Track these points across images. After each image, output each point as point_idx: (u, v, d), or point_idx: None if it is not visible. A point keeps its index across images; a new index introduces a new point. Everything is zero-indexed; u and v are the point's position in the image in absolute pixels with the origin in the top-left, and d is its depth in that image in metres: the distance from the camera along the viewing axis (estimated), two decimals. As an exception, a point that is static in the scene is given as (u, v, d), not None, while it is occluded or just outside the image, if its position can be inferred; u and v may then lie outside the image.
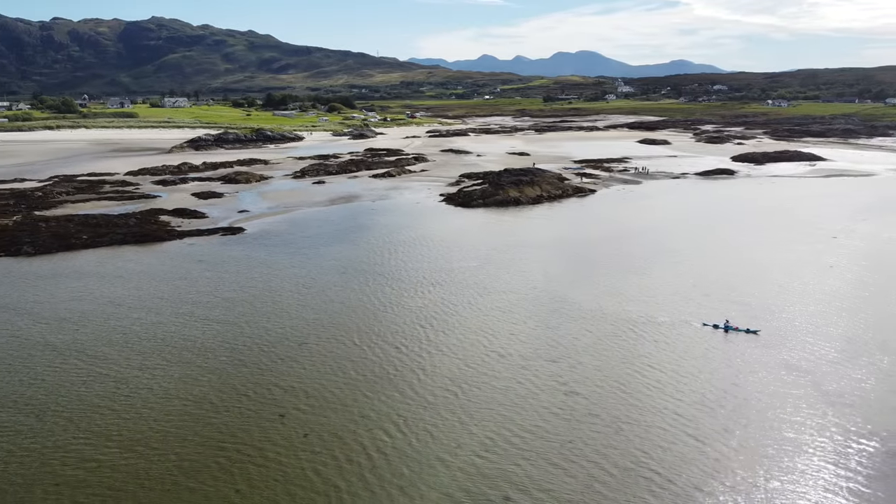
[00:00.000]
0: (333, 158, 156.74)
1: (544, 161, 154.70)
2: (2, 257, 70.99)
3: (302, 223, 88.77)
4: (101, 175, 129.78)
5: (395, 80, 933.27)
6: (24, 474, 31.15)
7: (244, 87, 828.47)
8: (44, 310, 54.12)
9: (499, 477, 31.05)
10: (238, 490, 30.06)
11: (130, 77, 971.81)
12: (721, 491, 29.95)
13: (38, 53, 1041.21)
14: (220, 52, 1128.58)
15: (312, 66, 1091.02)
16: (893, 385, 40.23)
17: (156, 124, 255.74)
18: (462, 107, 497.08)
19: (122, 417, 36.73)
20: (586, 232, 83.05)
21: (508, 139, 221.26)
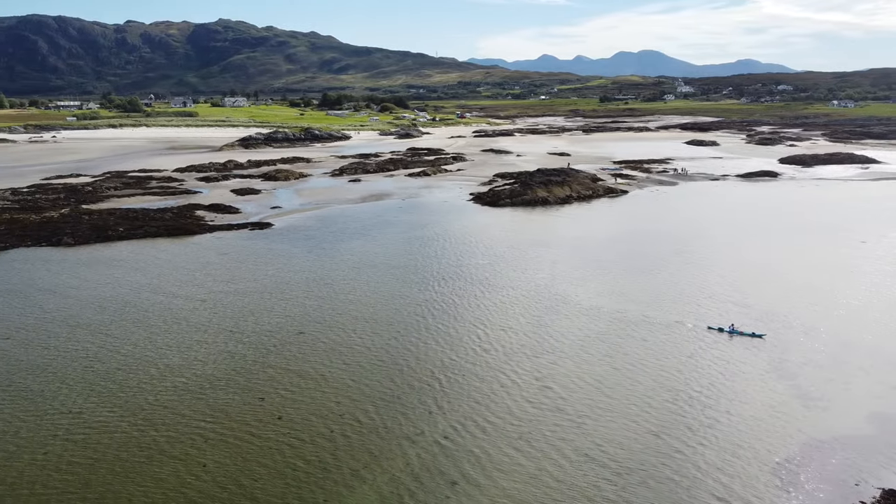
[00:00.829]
0: (374, 157, 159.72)
1: (585, 161, 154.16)
2: (44, 246, 75.72)
3: (329, 219, 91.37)
4: (151, 171, 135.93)
5: (452, 81, 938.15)
6: (31, 434, 33.95)
7: (305, 87, 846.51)
8: (72, 292, 57.90)
9: (453, 459, 32.20)
10: (205, 465, 32.06)
11: (198, 77, 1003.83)
12: (664, 481, 30.38)
13: (112, 55, 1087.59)
14: (283, 53, 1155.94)
15: (372, 67, 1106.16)
16: (875, 408, 39.50)
17: (212, 123, 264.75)
18: (516, 107, 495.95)
19: (123, 388, 39.45)
20: (605, 232, 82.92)
21: (553, 139, 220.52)
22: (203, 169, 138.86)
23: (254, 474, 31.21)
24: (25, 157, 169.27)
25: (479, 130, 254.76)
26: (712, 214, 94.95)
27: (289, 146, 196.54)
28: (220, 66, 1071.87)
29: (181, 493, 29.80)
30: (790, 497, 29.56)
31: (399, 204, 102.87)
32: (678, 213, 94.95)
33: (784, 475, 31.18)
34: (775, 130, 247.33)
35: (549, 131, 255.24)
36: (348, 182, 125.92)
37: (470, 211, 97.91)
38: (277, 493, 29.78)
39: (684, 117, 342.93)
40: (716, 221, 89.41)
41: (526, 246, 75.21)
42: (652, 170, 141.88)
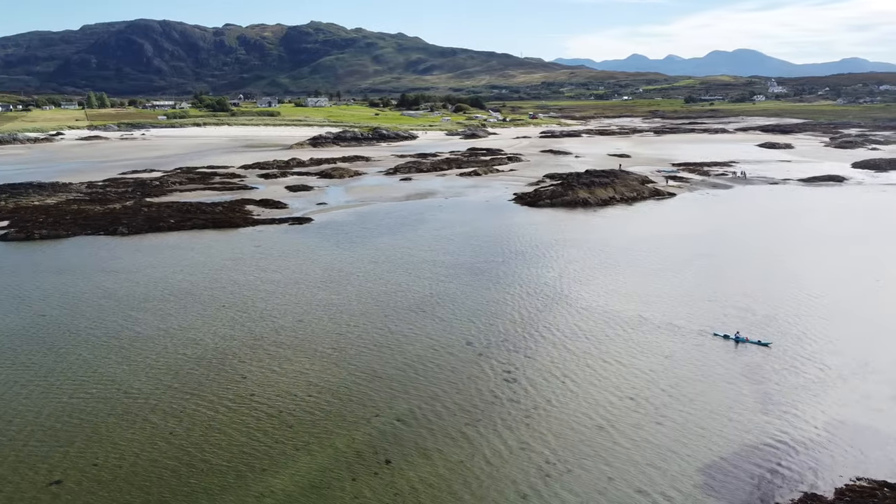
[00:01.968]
0: (432, 157, 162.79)
1: (643, 163, 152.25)
2: (102, 235, 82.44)
3: (368, 216, 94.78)
4: (218, 168, 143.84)
5: (536, 81, 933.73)
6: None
7: (391, 87, 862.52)
8: (117, 271, 63.27)
9: (401, 443, 34.25)
10: (174, 430, 35.40)
11: (289, 78, 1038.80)
12: (591, 470, 31.38)
13: (210, 57, 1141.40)
14: (371, 55, 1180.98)
15: (457, 68, 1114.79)
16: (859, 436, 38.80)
17: (289, 123, 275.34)
18: (596, 108, 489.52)
19: (142, 352, 43.50)
20: (633, 233, 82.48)
21: (620, 141, 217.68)
22: (266, 166, 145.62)
23: (215, 441, 34.22)
24: (112, 153, 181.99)
25: (547, 131, 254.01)
26: (752, 218, 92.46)
27: (356, 145, 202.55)
28: (311, 67, 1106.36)
29: (144, 453, 33.11)
30: (706, 495, 30.00)
31: (440, 203, 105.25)
32: (717, 217, 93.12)
33: (711, 474, 31.54)
34: (863, 133, 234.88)
35: (620, 132, 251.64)
36: (399, 181, 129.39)
37: (508, 210, 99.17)
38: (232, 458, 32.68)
39: (769, 119, 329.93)
40: (751, 225, 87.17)
41: (548, 245, 76.06)
42: (710, 173, 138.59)
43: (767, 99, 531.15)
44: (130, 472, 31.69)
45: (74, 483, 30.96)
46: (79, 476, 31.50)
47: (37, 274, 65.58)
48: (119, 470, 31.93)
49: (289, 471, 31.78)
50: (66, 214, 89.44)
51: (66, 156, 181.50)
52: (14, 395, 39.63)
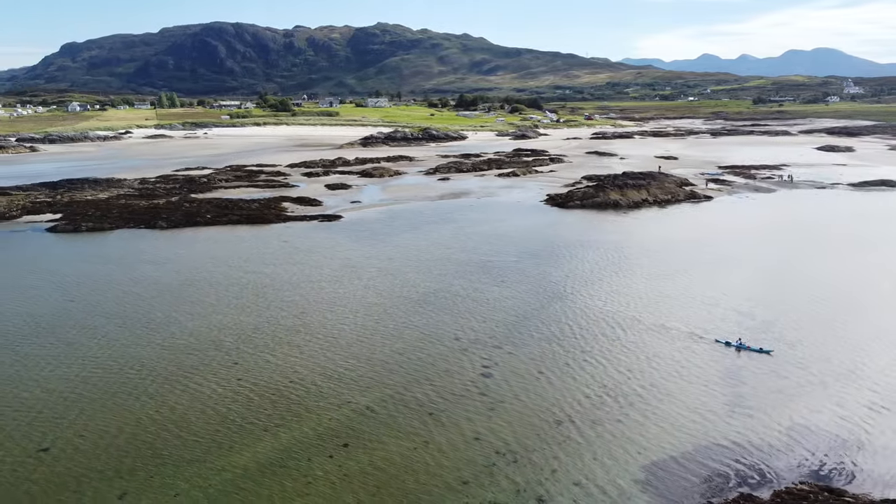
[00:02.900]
0: (475, 157, 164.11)
1: (690, 165, 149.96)
2: (142, 228, 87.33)
3: (397, 214, 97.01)
4: (266, 166, 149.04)
5: (601, 81, 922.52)
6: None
7: (454, 88, 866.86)
8: (150, 262, 67.34)
9: (363, 429, 36.03)
10: (160, 408, 38.18)
11: (356, 79, 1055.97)
12: (538, 461, 32.41)
13: (280, 58, 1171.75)
14: (436, 55, 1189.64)
15: (521, 68, 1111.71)
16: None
17: (346, 122, 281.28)
18: (658, 109, 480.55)
19: (150, 335, 46.75)
20: (655, 236, 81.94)
21: (673, 142, 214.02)
22: (312, 165, 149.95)
23: (194, 419, 36.80)
24: (173, 151, 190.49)
25: (599, 133, 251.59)
26: (782, 224, 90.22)
27: (405, 145, 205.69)
28: (377, 68, 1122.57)
29: (128, 427, 35.92)
30: (641, 490, 30.65)
31: (471, 203, 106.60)
32: (747, 222, 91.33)
33: (655, 471, 32.12)
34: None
35: (675, 134, 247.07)
36: (437, 180, 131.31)
37: (536, 211, 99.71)
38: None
39: (839, 121, 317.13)
40: (780, 231, 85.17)
41: (564, 245, 76.51)
42: (756, 176, 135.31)
43: (842, 100, 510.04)
44: (111, 443, 34.48)
45: (59, 450, 33.95)
46: (65, 444, 34.49)
47: (75, 262, 70.40)
48: (101, 440, 34.78)
49: (252, 450, 33.95)
50: (113, 209, 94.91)
51: (129, 153, 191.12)
52: (26, 371, 43.28)
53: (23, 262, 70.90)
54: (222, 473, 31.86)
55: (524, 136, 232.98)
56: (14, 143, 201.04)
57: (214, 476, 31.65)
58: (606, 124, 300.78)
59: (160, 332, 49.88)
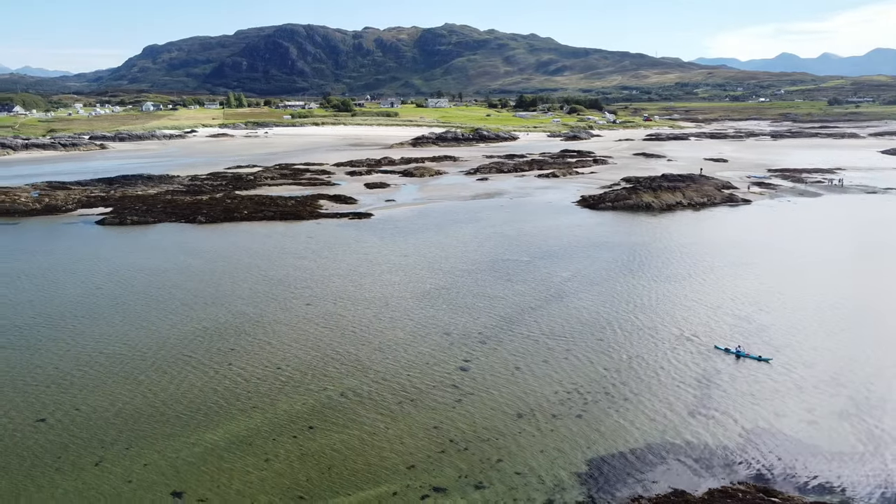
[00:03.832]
0: (519, 158, 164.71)
1: (739, 168, 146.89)
2: (182, 222, 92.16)
3: (426, 213, 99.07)
4: (313, 164, 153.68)
5: (669, 82, 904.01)
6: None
7: (520, 88, 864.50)
8: (185, 253, 71.60)
9: (332, 413, 38.18)
10: (153, 387, 41.26)
11: (422, 79, 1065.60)
12: (493, 451, 33.80)
13: (349, 59, 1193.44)
14: (502, 56, 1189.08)
15: (588, 68, 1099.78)
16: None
17: (402, 123, 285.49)
18: (725, 110, 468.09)
19: (162, 320, 50.30)
20: (677, 238, 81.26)
21: (728, 144, 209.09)
22: (357, 164, 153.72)
23: (180, 398, 39.72)
24: (231, 149, 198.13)
25: (653, 134, 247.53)
26: (819, 229, 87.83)
27: (455, 145, 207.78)
28: (443, 69, 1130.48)
29: (119, 403, 39.08)
30: (578, 482, 31.63)
31: (502, 203, 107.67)
32: (778, 227, 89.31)
33: (598, 465, 33.01)
34: None
35: (734, 136, 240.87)
36: (475, 181, 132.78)
37: (565, 212, 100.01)
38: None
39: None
40: (808, 237, 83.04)
41: (582, 246, 76.94)
42: (806, 179, 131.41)
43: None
44: (101, 417, 37.65)
45: (56, 421, 37.32)
46: (61, 416, 37.86)
47: (114, 252, 75.24)
48: (93, 414, 38.01)
49: (224, 428, 36.52)
50: (159, 203, 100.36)
51: (190, 151, 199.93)
52: (42, 350, 47.27)
53: (66, 250, 76.29)
54: (192, 448, 34.47)
55: (576, 137, 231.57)
56: (87, 140, 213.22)
57: (185, 450, 34.28)
58: (664, 125, 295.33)
59: (169, 318, 53.32)
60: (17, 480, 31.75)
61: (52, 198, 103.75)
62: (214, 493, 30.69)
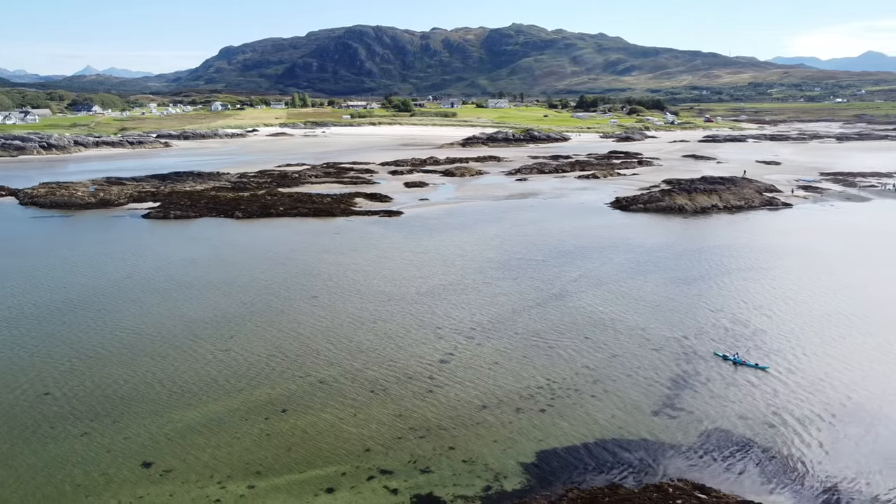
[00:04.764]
0: (564, 158, 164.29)
1: (791, 171, 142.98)
2: (221, 217, 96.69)
3: (456, 212, 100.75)
4: (359, 163, 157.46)
5: (742, 82, 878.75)
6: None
7: (586, 88, 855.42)
8: (216, 242, 75.63)
9: (306, 399, 40.40)
10: (151, 368, 44.44)
11: (487, 80, 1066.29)
12: (451, 440, 35.33)
13: (416, 59, 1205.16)
14: (569, 55, 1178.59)
15: (658, 68, 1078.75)
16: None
17: (456, 123, 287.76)
18: (795, 111, 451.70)
19: (173, 309, 53.93)
20: (700, 241, 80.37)
21: (787, 147, 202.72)
22: (402, 164, 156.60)
23: (173, 378, 42.73)
24: (285, 148, 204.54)
25: (710, 135, 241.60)
26: (849, 235, 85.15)
27: (504, 146, 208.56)
28: (509, 69, 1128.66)
29: (119, 382, 42.35)
30: (522, 472, 32.78)
31: (533, 203, 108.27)
32: (812, 232, 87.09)
33: (547, 458, 34.06)
34: None
35: (796, 138, 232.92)
36: (514, 181, 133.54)
37: (594, 213, 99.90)
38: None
39: None
40: (838, 243, 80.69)
41: (599, 248, 77.12)
42: (859, 184, 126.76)
43: None
44: (100, 393, 40.87)
45: (59, 395, 40.78)
46: (66, 391, 41.30)
47: (149, 243, 79.89)
48: (94, 390, 41.30)
49: (205, 408, 39.18)
50: (202, 199, 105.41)
51: (248, 149, 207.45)
52: (63, 331, 51.29)
53: (107, 242, 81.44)
54: (171, 424, 37.22)
55: (629, 138, 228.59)
56: (153, 139, 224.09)
57: (164, 426, 37.06)
58: (725, 127, 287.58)
59: (180, 306, 56.80)
60: (14, 444, 35.13)
61: (106, 192, 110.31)
62: (180, 465, 33.23)
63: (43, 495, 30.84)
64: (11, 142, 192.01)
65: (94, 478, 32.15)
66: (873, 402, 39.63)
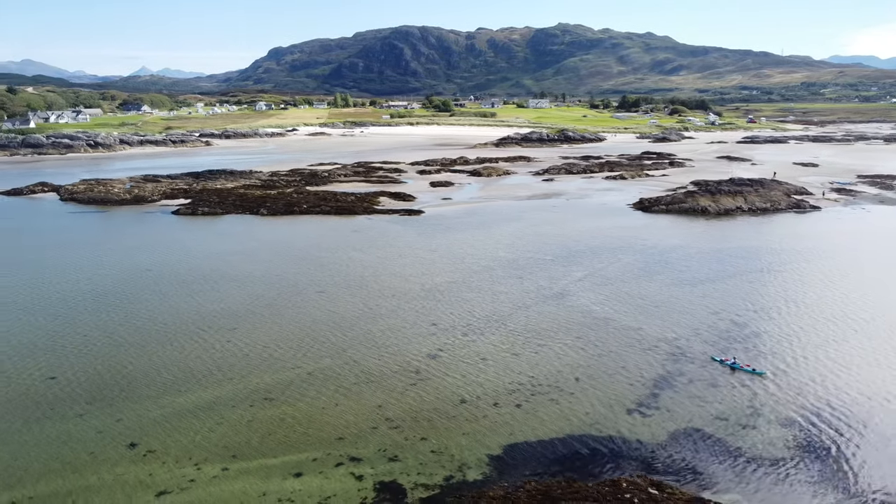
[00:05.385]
0: (594, 159, 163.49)
1: (828, 173, 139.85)
2: (247, 214, 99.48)
3: (476, 212, 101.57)
4: (390, 163, 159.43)
5: (795, 82, 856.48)
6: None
7: (632, 88, 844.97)
8: (237, 237, 78.20)
9: (293, 388, 41.93)
10: (154, 354, 46.62)
11: (532, 80, 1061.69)
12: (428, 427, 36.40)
13: (461, 59, 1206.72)
14: (616, 55, 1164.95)
15: (706, 67, 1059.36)
16: None
17: (493, 123, 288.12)
18: (847, 112, 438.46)
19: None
20: (715, 244, 79.49)
21: (829, 148, 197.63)
22: (431, 163, 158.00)
23: (174, 366, 44.80)
24: (321, 147, 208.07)
25: (750, 137, 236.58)
26: (876, 240, 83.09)
27: (538, 146, 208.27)
28: (554, 69, 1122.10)
29: (125, 367, 44.59)
30: (485, 463, 33.61)
31: (555, 203, 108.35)
32: (834, 236, 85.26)
33: (512, 451, 34.82)
34: None
35: (841, 140, 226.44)
36: (540, 181, 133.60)
37: (614, 214, 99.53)
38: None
39: None
40: (864, 247, 78.87)
41: (610, 248, 77.06)
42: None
43: None
44: (101, 379, 43.11)
45: (63, 379, 43.17)
46: (70, 376, 43.67)
47: (174, 238, 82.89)
48: (96, 376, 43.58)
49: (196, 395, 41.03)
50: (230, 197, 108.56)
51: (285, 149, 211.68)
52: (76, 319, 54.00)
53: (136, 236, 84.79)
54: (162, 409, 39.14)
55: (665, 139, 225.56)
56: (195, 138, 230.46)
57: (155, 411, 39.00)
58: (768, 128, 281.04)
59: (197, 298, 59.09)
60: (11, 424, 37.48)
61: (141, 189, 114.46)
62: (162, 447, 35.05)
63: (31, 470, 32.96)
64: (61, 140, 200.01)
65: (81, 456, 34.17)
66: (860, 406, 39.25)
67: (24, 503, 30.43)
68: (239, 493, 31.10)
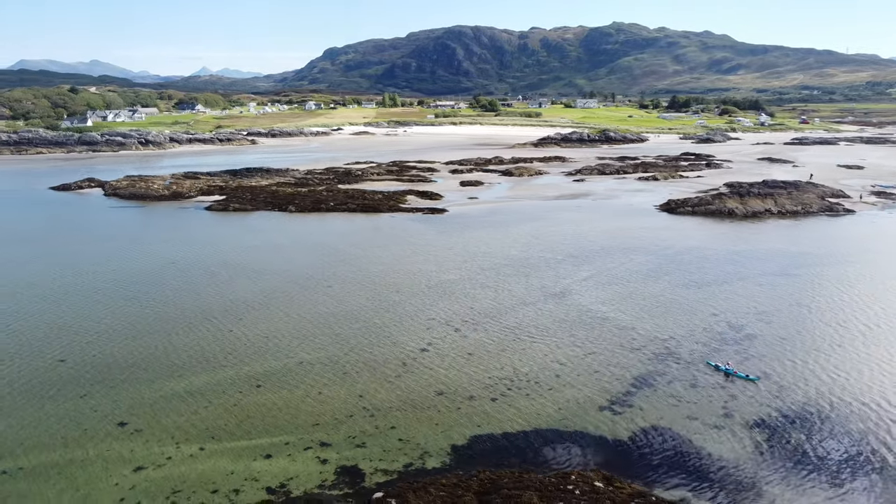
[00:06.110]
0: (630, 160, 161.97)
1: (872, 176, 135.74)
2: (275, 211, 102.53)
3: (499, 211, 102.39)
4: (425, 162, 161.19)
5: (859, 81, 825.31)
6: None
7: (688, 88, 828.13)
8: (264, 233, 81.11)
9: (283, 377, 43.83)
10: (159, 343, 49.24)
11: (586, 79, 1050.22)
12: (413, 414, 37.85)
13: (514, 59, 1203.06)
14: (671, 54, 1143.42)
15: (766, 66, 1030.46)
16: None
17: (536, 123, 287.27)
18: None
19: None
20: (732, 246, 78.46)
21: (877, 151, 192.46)
22: (466, 163, 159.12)
23: (177, 352, 47.28)
24: (363, 146, 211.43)
25: (799, 138, 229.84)
26: None
27: (577, 146, 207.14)
28: (608, 69, 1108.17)
29: (131, 353, 47.30)
30: (447, 453, 34.76)
31: (580, 204, 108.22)
32: (863, 241, 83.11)
33: (477, 445, 35.88)
34: None
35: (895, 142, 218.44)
36: (570, 181, 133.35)
37: (639, 215, 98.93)
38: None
39: None
40: (890, 253, 76.90)
41: (623, 249, 76.90)
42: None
43: None
44: (108, 362, 45.81)
45: (72, 362, 46.06)
46: (78, 359, 46.56)
47: (203, 233, 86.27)
48: (103, 359, 46.34)
49: (190, 380, 43.29)
50: (262, 194, 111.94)
51: (327, 147, 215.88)
52: (94, 307, 57.19)
53: (168, 229, 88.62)
54: (156, 393, 41.51)
55: (709, 140, 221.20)
56: (241, 136, 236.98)
57: (150, 394, 41.39)
58: (820, 128, 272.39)
59: (209, 290, 61.77)
60: (15, 401, 40.37)
61: (179, 185, 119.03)
62: (148, 427, 37.31)
63: (26, 444, 35.58)
64: (114, 138, 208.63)
65: (73, 433, 36.70)
66: (842, 409, 38.94)
67: (13, 473, 32.96)
68: (209, 471, 33.03)
